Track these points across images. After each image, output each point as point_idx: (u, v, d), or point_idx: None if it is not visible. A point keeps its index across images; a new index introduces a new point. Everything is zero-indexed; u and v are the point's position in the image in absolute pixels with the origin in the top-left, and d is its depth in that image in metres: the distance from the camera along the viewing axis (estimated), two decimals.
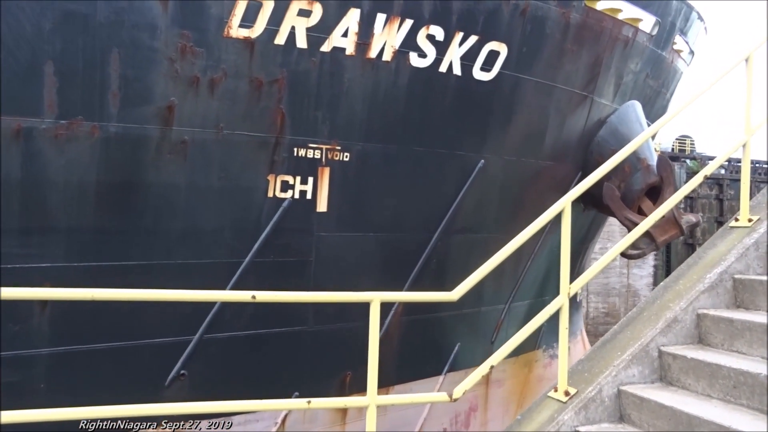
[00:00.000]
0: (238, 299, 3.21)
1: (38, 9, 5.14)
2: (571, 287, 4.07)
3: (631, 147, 4.82)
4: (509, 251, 4.14)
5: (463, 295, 4.06)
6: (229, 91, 5.85)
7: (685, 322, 4.13)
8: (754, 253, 4.41)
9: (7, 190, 5.19)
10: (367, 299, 3.60)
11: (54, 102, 5.25)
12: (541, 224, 4.16)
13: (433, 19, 6.67)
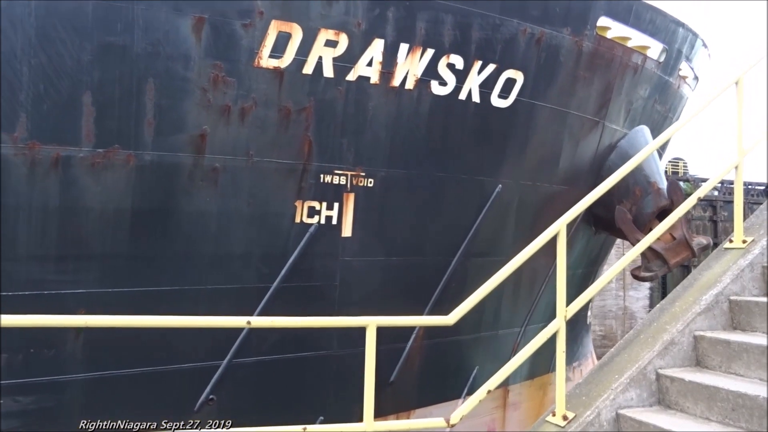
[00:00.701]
0: (234, 325, 3.26)
1: (78, 42, 5.33)
2: (568, 310, 4.11)
3: (619, 175, 4.81)
4: (505, 275, 4.15)
5: (459, 319, 4.03)
6: (259, 119, 6.04)
7: (683, 345, 4.13)
8: (750, 274, 4.44)
9: (45, 218, 5.32)
10: (362, 324, 3.62)
11: (91, 131, 5.42)
12: (536, 247, 4.20)
13: (454, 48, 6.90)
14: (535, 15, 7.39)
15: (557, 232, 4.18)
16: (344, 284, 6.72)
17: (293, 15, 6.04)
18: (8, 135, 5.19)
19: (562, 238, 4.17)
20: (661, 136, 5.14)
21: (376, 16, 6.42)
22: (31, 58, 5.22)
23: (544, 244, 4.39)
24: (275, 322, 3.72)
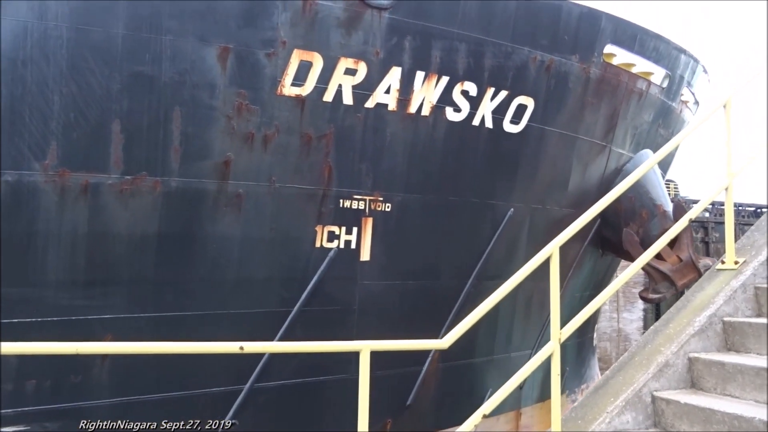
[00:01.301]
0: (226, 351, 3.26)
1: (108, 72, 5.50)
2: (562, 333, 4.14)
3: (611, 197, 4.81)
4: (498, 298, 4.21)
5: (453, 343, 4.05)
6: (281, 146, 6.20)
7: (677, 367, 4.12)
8: (742, 295, 4.46)
9: (74, 244, 5.43)
10: (356, 348, 3.65)
11: (120, 158, 5.56)
12: (530, 269, 4.23)
13: (467, 75, 7.12)
14: (545, 43, 7.64)
15: (550, 255, 4.21)
16: (363, 308, 6.83)
17: (314, 44, 6.24)
18: (39, 163, 5.32)
19: (555, 261, 4.21)
20: (651, 159, 5.09)
21: (393, 45, 6.63)
22: (62, 87, 5.38)
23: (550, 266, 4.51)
24: (268, 347, 3.78)
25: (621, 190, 4.75)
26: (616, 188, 4.76)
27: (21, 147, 5.27)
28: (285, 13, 6.11)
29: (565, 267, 9.59)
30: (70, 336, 5.37)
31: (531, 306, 8.78)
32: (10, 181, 5.24)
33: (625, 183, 4.74)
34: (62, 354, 4.73)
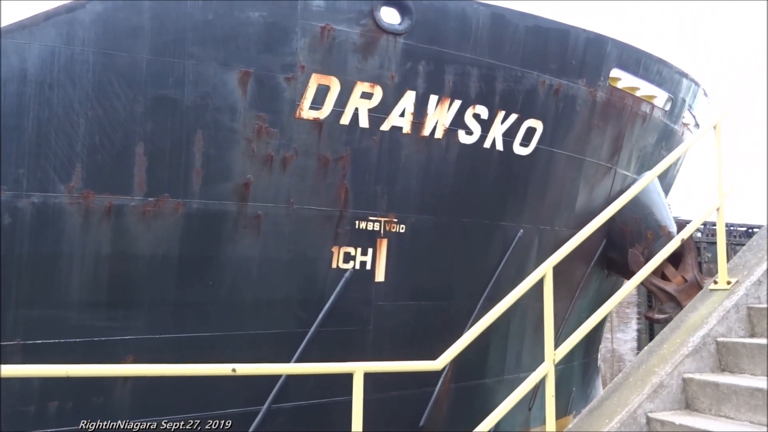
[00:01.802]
0: (218, 373, 3.33)
1: (132, 95, 5.63)
2: (556, 353, 4.17)
3: (602, 219, 4.78)
4: (492, 319, 4.21)
5: (446, 364, 3.99)
6: (300, 168, 6.33)
7: (672, 387, 4.10)
8: (735, 315, 4.46)
9: (97, 265, 5.51)
10: (349, 370, 3.63)
11: (143, 180, 5.67)
12: (523, 290, 4.26)
13: (479, 99, 7.30)
14: (553, 68, 7.84)
15: (544, 275, 4.24)
16: (377, 328, 6.92)
17: (332, 69, 6.41)
18: (64, 185, 5.42)
19: (549, 281, 4.24)
20: (642, 180, 5.03)
21: (408, 70, 6.81)
22: (88, 110, 5.50)
23: (558, 284, 4.54)
24: (260, 369, 3.61)
25: (610, 212, 4.78)
26: (606, 211, 4.78)
27: (47, 169, 5.37)
28: (304, 38, 6.28)
29: (572, 288, 9.76)
30: (93, 357, 5.43)
31: (540, 326, 8.88)
32: (36, 202, 5.33)
33: (617, 204, 4.80)
34: (53, 377, 4.73)
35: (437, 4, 6.94)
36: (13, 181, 5.27)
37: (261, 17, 6.11)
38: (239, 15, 6.03)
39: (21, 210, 5.29)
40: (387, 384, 7.06)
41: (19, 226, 5.28)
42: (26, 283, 5.31)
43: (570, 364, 10.13)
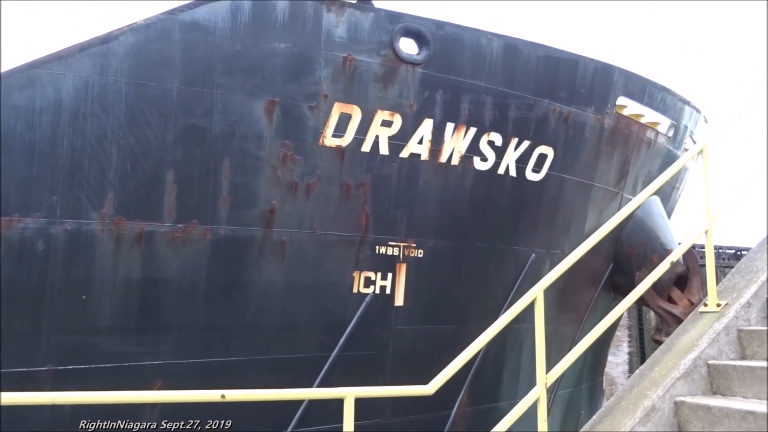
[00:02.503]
0: (207, 399, 3.28)
1: (163, 124, 5.79)
2: (548, 377, 4.18)
3: (590, 243, 4.98)
4: (483, 343, 4.28)
5: (438, 389, 4.02)
6: (322, 194, 6.49)
7: (664, 411, 4.10)
8: (725, 337, 4.48)
9: (128, 291, 5.62)
10: (340, 395, 3.58)
11: (173, 207, 5.80)
12: (514, 314, 4.29)
13: (493, 126, 7.53)
14: (563, 96, 8.10)
15: (534, 298, 4.26)
16: (397, 352, 7.04)
17: (354, 98, 6.61)
18: (96, 212, 5.54)
19: (540, 305, 4.26)
20: (626, 209, 5.15)
21: (425, 98, 7.03)
22: (120, 139, 5.65)
23: (567, 308, 4.59)
24: (248, 395, 3.58)
25: (600, 235, 4.95)
26: (595, 234, 4.96)
27: (80, 196, 5.50)
28: (327, 68, 6.48)
29: (580, 311, 9.93)
30: (122, 382, 5.52)
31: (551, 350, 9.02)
32: (69, 229, 5.45)
33: (606, 227, 4.93)
34: (40, 404, 4.67)
35: (453, 34, 7.19)
36: (47, 208, 5.39)
37: (286, 48, 6.32)
38: (265, 46, 6.23)
39: (54, 237, 5.40)
40: (407, 408, 7.18)
41: (53, 252, 5.39)
42: (58, 309, 5.40)
43: (579, 387, 10.27)
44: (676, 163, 5.35)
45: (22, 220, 5.32)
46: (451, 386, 8.17)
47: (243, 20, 6.14)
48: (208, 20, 6.00)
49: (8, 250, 5.27)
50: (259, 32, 6.21)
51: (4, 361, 5.20)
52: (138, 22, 5.77)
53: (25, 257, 5.32)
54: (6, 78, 5.33)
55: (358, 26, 6.66)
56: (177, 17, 5.89)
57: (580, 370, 10.03)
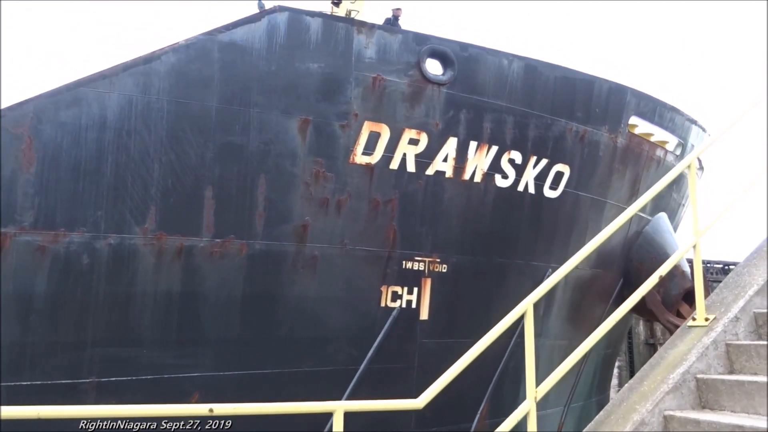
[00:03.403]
0: (195, 414, 3.28)
1: (203, 141, 5.98)
2: (538, 391, 4.18)
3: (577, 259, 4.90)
4: (473, 357, 4.24)
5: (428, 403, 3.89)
6: (353, 210, 6.69)
7: (653, 425, 4.07)
8: (714, 352, 4.48)
9: (168, 304, 5.77)
10: (330, 409, 3.58)
11: (211, 222, 5.98)
12: (504, 327, 4.29)
13: (514, 145, 7.77)
14: (580, 115, 8.37)
15: (524, 312, 4.25)
16: (421, 365, 7.21)
17: (383, 116, 6.83)
18: (139, 227, 5.71)
19: (530, 318, 4.28)
20: (616, 221, 4.89)
21: (450, 118, 7.27)
22: (162, 155, 5.83)
23: (580, 323, 4.62)
24: (237, 409, 3.52)
25: (591, 247, 4.65)
26: (580, 252, 4.64)
27: (123, 211, 5.66)
28: (357, 88, 6.71)
29: (592, 326, 10.15)
30: (162, 394, 5.65)
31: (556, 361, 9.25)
32: (113, 244, 5.61)
33: (591, 245, 4.71)
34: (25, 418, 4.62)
35: (477, 55, 7.44)
36: (91, 223, 5.55)
37: (319, 68, 6.54)
38: (299, 66, 6.45)
39: (98, 251, 5.56)
40: (429, 420, 7.34)
41: (96, 266, 5.54)
42: (102, 322, 5.55)
43: (589, 400, 10.47)
44: (661, 181, 5.20)
45: (68, 235, 5.47)
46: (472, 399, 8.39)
47: (278, 41, 6.36)
48: (246, 41, 6.21)
49: (54, 264, 5.42)
50: (293, 53, 6.43)
51: (51, 374, 5.33)
52: (179, 43, 5.97)
53: (71, 271, 5.47)
54: (54, 96, 5.50)
55: (387, 47, 6.90)
56: (216, 38, 6.10)
57: (590, 384, 10.24)
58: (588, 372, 10.11)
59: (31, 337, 5.33)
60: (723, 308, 4.82)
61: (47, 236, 5.40)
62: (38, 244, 5.38)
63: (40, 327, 5.36)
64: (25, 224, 5.35)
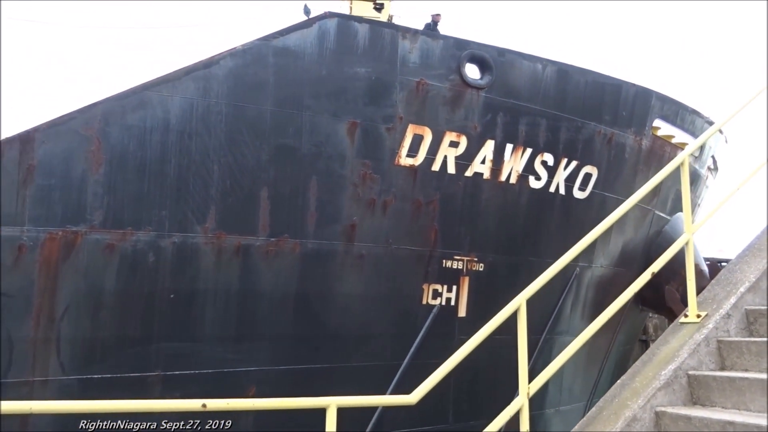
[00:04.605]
0: (188, 408, 3.33)
1: (258, 144, 6.26)
2: (530, 387, 4.27)
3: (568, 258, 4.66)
4: (464, 354, 4.39)
5: (422, 398, 3.98)
6: (397, 211, 7.00)
7: (644, 421, 4.13)
8: (705, 348, 4.52)
9: (227, 301, 6.06)
10: (323, 405, 3.58)
11: (267, 222, 6.27)
12: (497, 323, 4.50)
13: (546, 147, 8.10)
14: (608, 119, 8.71)
15: (518, 308, 4.42)
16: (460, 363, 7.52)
17: (425, 119, 7.14)
18: (200, 226, 5.99)
19: (523, 314, 4.45)
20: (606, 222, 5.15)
21: (488, 121, 7.58)
22: (221, 157, 6.11)
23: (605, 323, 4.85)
24: (230, 405, 3.58)
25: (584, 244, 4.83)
26: (576, 247, 4.78)
27: (186, 211, 5.94)
28: (402, 92, 7.01)
29: (612, 323, 10.52)
30: (222, 388, 5.94)
31: (592, 358, 9.62)
32: (177, 242, 5.88)
33: (586, 239, 4.87)
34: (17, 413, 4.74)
35: (513, 60, 7.76)
36: (156, 222, 5.82)
37: (366, 72, 6.83)
38: (348, 71, 6.74)
39: (163, 249, 5.83)
40: (467, 414, 7.68)
41: (162, 264, 5.82)
42: (167, 318, 5.83)
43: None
44: (656, 177, 5.27)
45: (135, 233, 5.75)
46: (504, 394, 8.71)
47: (328, 46, 6.64)
48: (298, 46, 6.49)
49: (122, 262, 5.69)
50: (342, 57, 6.71)
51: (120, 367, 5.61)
52: (236, 48, 6.24)
53: (138, 268, 5.75)
54: (120, 99, 5.76)
55: (429, 52, 7.20)
56: (270, 43, 6.38)
57: (611, 379, 10.62)
58: (609, 368, 10.48)
59: (101, 332, 5.60)
60: (715, 305, 4.89)
61: (116, 235, 5.67)
62: (107, 242, 5.64)
63: (109, 322, 5.63)
64: (95, 223, 5.62)
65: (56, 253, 5.46)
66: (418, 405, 3.65)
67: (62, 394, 5.40)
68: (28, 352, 5.36)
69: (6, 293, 5.32)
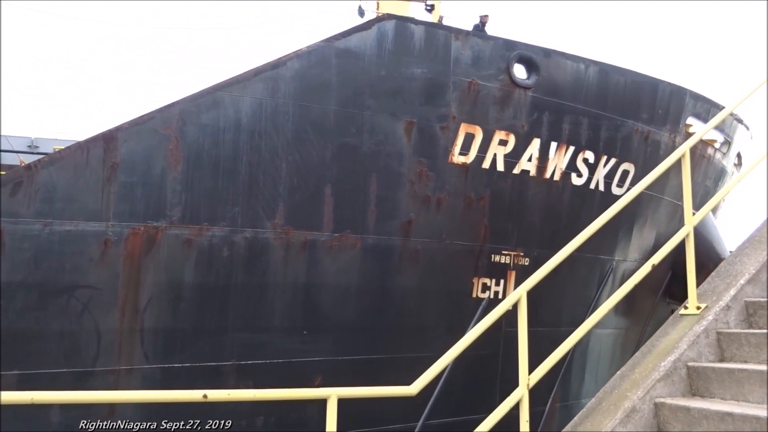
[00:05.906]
0: (189, 398, 3.33)
1: (323, 142, 6.57)
2: (531, 378, 4.37)
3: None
4: (466, 344, 4.46)
5: (422, 389, 4.08)
6: (450, 207, 7.33)
7: (644, 412, 4.17)
8: (705, 340, 4.57)
9: (294, 294, 6.40)
10: (324, 395, 3.62)
11: (331, 218, 6.59)
12: (496, 316, 4.45)
13: (588, 145, 8.43)
14: (645, 117, 9.04)
15: (518, 299, 4.55)
16: (506, 353, 7.89)
17: (477, 119, 7.46)
18: (270, 222, 6.31)
19: (523, 306, 4.57)
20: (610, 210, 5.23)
21: (534, 120, 7.90)
22: (288, 155, 6.42)
23: (633, 314, 5.06)
24: (232, 395, 3.65)
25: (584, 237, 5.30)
26: (576, 238, 5.27)
27: (256, 207, 6.26)
28: (455, 92, 7.32)
29: (642, 317, 10.91)
30: (289, 377, 6.29)
31: (627, 348, 10.01)
32: (249, 237, 6.21)
33: (586, 232, 5.23)
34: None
35: (558, 61, 8.07)
36: (229, 218, 6.14)
37: (422, 73, 7.14)
38: (405, 71, 7.05)
39: (236, 244, 6.16)
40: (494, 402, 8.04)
41: (235, 258, 6.14)
42: (240, 309, 6.16)
43: None
44: (663, 166, 5.55)
45: (211, 229, 6.06)
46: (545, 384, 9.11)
47: (387, 47, 6.94)
48: (359, 47, 6.80)
49: (199, 256, 6.01)
50: (399, 58, 7.02)
51: (197, 356, 5.94)
52: (302, 49, 6.54)
53: (213, 263, 6.07)
54: (195, 99, 6.06)
55: (480, 53, 7.51)
56: (333, 44, 6.68)
57: None
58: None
59: (180, 323, 5.92)
60: (715, 297, 4.94)
61: (193, 230, 5.99)
62: (185, 237, 5.96)
63: (188, 314, 5.95)
64: (174, 219, 5.93)
65: (139, 247, 5.78)
66: None
67: (146, 383, 5.74)
68: (114, 343, 5.69)
69: (93, 286, 5.64)
